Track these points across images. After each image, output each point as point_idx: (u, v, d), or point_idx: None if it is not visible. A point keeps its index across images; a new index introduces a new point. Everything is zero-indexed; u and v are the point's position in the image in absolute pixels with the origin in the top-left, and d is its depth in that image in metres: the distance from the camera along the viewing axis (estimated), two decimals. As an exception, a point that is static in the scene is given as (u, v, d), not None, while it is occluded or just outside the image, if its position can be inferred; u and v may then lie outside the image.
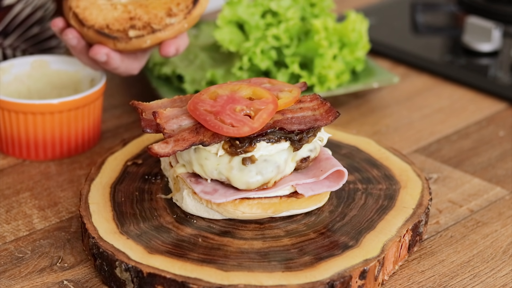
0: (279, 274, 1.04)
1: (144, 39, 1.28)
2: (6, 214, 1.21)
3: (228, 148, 1.10)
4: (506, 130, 1.46)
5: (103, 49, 1.29)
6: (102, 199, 1.16)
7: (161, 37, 1.28)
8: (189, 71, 1.48)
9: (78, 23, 1.30)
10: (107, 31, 1.28)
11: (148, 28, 1.28)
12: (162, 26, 1.28)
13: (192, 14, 1.29)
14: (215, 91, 1.14)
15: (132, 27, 1.28)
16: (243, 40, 1.47)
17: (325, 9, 1.50)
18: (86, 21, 1.29)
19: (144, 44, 1.28)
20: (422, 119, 1.49)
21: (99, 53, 1.29)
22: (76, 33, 1.30)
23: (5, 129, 1.32)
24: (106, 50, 1.29)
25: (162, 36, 1.28)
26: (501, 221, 1.22)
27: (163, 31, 1.28)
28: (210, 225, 1.13)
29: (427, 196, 1.19)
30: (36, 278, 1.09)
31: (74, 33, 1.30)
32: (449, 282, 1.11)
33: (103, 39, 1.28)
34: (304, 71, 1.45)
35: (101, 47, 1.29)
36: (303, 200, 1.14)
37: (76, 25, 1.30)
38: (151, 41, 1.28)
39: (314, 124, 1.12)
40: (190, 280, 1.03)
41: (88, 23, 1.29)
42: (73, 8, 1.31)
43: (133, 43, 1.28)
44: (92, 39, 1.30)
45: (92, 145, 1.37)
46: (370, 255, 1.07)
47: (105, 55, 1.29)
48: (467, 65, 1.63)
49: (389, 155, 1.28)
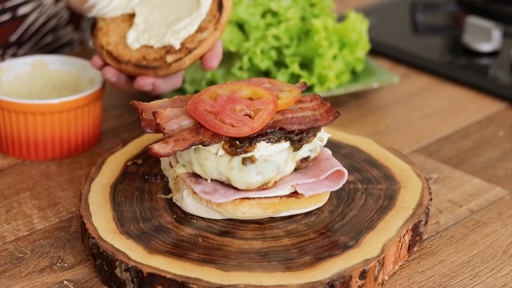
0: (279, 274, 1.04)
1: (183, 61, 1.26)
2: (6, 214, 1.21)
3: (228, 148, 1.10)
4: (506, 130, 1.46)
5: (147, 79, 1.27)
6: (102, 199, 1.16)
7: (199, 54, 1.27)
8: (189, 71, 1.48)
9: (115, 61, 1.28)
10: (145, 63, 1.27)
11: (184, 50, 1.26)
12: (197, 44, 1.26)
13: (221, 22, 1.27)
14: (215, 91, 1.14)
15: (168, 52, 1.26)
16: (243, 40, 1.47)
17: (325, 9, 1.50)
18: (122, 57, 1.28)
19: (184, 65, 1.27)
20: (422, 119, 1.49)
21: (145, 85, 1.27)
22: (114, 70, 1.29)
23: (5, 129, 1.32)
24: (151, 80, 1.27)
25: (199, 53, 1.27)
26: (501, 221, 1.22)
27: (199, 48, 1.26)
28: (210, 225, 1.13)
29: (427, 196, 1.19)
30: (36, 278, 1.09)
31: (113, 71, 1.29)
32: (449, 282, 1.11)
33: (143, 71, 1.27)
34: (304, 71, 1.45)
35: (145, 79, 1.27)
36: (303, 200, 1.14)
37: (113, 63, 1.28)
38: (190, 61, 1.27)
39: (314, 124, 1.12)
40: (190, 280, 1.03)
41: (124, 58, 1.28)
42: (105, 47, 1.29)
43: (173, 67, 1.26)
44: (132, 73, 1.28)
45: (92, 145, 1.37)
46: (370, 255, 1.07)
47: (151, 85, 1.28)
48: (467, 65, 1.63)
49: (389, 155, 1.28)
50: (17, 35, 1.47)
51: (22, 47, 1.49)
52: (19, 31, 1.47)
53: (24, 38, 1.48)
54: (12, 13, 1.47)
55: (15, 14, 1.47)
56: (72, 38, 1.63)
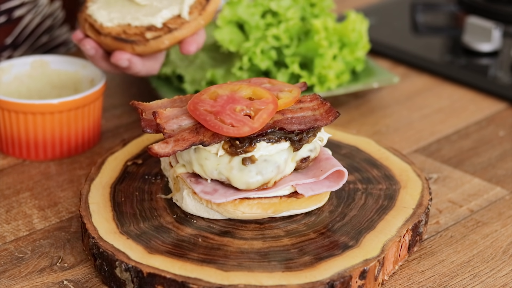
0: (279, 274, 1.04)
1: (162, 39, 1.28)
2: (6, 214, 1.21)
3: (228, 148, 1.10)
4: (506, 130, 1.46)
5: (124, 54, 1.29)
6: (102, 199, 1.16)
7: (179, 36, 1.29)
8: (189, 71, 1.48)
9: (95, 33, 1.31)
10: (124, 36, 1.29)
11: (165, 28, 1.28)
12: (178, 25, 1.28)
13: (207, 10, 1.30)
14: (215, 91, 1.14)
15: (149, 29, 1.28)
16: (243, 40, 1.47)
17: (325, 9, 1.50)
18: (102, 30, 1.30)
19: (162, 45, 1.28)
20: (422, 119, 1.49)
21: (120, 59, 1.29)
22: (93, 43, 1.31)
23: (5, 129, 1.32)
24: (128, 56, 1.29)
25: (180, 35, 1.28)
26: (501, 221, 1.22)
27: (179, 30, 1.28)
28: (210, 225, 1.13)
29: (427, 196, 1.19)
30: (36, 278, 1.09)
31: (92, 43, 1.31)
32: (449, 282, 1.11)
33: (121, 44, 1.29)
34: (304, 71, 1.45)
35: (122, 53, 1.29)
36: (303, 200, 1.14)
37: (93, 35, 1.31)
38: (169, 41, 1.28)
39: (314, 124, 1.12)
40: (190, 280, 1.03)
41: (104, 31, 1.30)
42: (88, 19, 1.32)
43: (151, 45, 1.28)
44: (110, 47, 1.30)
45: (92, 145, 1.37)
46: (370, 255, 1.07)
47: (127, 60, 1.29)
48: (467, 65, 1.63)
49: (389, 155, 1.28)
50: (12, 37, 1.47)
51: (18, 49, 1.49)
52: (14, 33, 1.46)
53: (20, 40, 1.48)
54: (7, 16, 1.47)
55: (10, 16, 1.47)
56: (68, 38, 1.63)
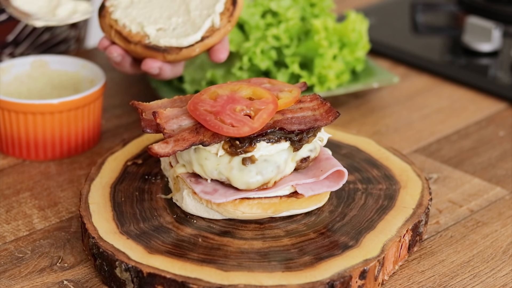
0: (279, 274, 1.04)
1: (194, 48, 1.27)
2: (6, 214, 1.21)
3: (228, 148, 1.10)
4: (506, 130, 1.46)
5: (155, 63, 1.27)
6: (102, 199, 1.16)
7: (209, 44, 1.27)
8: (189, 71, 1.48)
9: (123, 40, 1.28)
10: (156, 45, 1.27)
11: None
12: (209, 33, 1.27)
13: (234, 15, 1.29)
14: (215, 91, 1.14)
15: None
16: (243, 40, 1.47)
17: (325, 9, 1.50)
18: (131, 38, 1.28)
19: (194, 53, 1.27)
20: (422, 119, 1.49)
21: (152, 67, 1.27)
22: (121, 50, 1.29)
23: (5, 129, 1.32)
24: (159, 64, 1.27)
25: (210, 42, 1.27)
26: (501, 221, 1.23)
27: (211, 37, 1.27)
28: (210, 225, 1.13)
29: (427, 196, 1.19)
30: (36, 278, 1.09)
31: (119, 50, 1.29)
32: (449, 282, 1.11)
33: (153, 53, 1.27)
34: (304, 71, 1.45)
35: (153, 61, 1.27)
36: (303, 200, 1.14)
37: (121, 43, 1.28)
38: (200, 49, 1.27)
39: (314, 124, 1.12)
40: (190, 280, 1.03)
41: (134, 39, 1.28)
42: (114, 26, 1.29)
43: (183, 53, 1.27)
44: (140, 54, 1.28)
45: (92, 145, 1.37)
46: (370, 255, 1.07)
47: (158, 68, 1.28)
48: (467, 65, 1.63)
49: (389, 155, 1.28)
50: (14, 34, 1.47)
51: (19, 47, 1.49)
52: (16, 30, 1.46)
53: (21, 37, 1.48)
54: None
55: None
56: (68, 35, 1.63)
